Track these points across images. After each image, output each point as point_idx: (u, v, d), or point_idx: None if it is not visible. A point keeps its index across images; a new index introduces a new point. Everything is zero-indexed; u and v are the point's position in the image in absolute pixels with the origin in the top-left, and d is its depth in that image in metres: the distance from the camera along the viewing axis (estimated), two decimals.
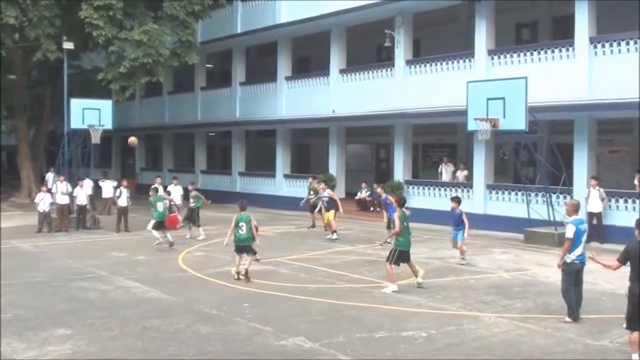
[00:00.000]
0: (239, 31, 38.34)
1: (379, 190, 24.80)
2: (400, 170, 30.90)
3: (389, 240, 20.26)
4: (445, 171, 30.43)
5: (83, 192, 27.43)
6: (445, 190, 28.96)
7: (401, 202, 16.20)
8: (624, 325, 10.23)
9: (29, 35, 33.46)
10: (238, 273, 16.64)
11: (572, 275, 12.75)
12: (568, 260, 12.71)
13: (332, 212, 24.45)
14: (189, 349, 11.21)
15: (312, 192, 26.58)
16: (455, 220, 19.34)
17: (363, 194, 31.38)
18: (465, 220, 18.97)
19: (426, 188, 29.84)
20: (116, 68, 33.05)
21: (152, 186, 25.04)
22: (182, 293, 15.42)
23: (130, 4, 32.80)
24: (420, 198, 29.22)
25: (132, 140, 22.70)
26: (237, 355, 10.93)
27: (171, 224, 23.34)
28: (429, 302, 14.52)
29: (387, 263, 15.54)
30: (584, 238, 12.93)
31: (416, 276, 15.77)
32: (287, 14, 34.83)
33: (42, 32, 33.09)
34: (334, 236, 23.78)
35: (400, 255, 15.45)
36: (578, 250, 12.70)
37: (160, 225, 22.13)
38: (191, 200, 25.02)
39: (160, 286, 16.08)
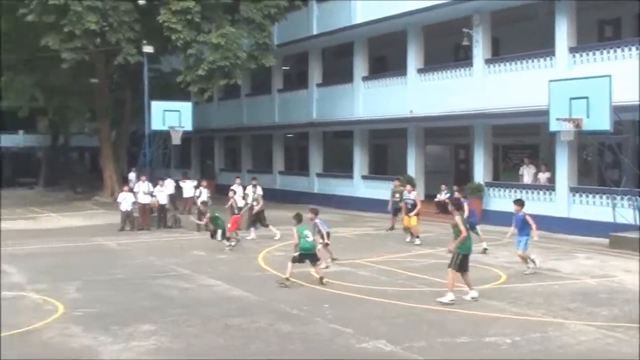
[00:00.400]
0: (314, 32, 38.35)
1: (457, 193, 23.87)
2: (480, 172, 30.42)
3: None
4: (527, 173, 29.81)
5: (163, 192, 27.86)
6: (527, 192, 28.28)
7: (461, 206, 15.90)
8: None
9: (110, 40, 34.13)
10: (286, 279, 16.13)
11: None
12: None
13: (415, 217, 23.49)
14: (270, 347, 11.28)
15: (396, 195, 25.92)
16: (518, 224, 18.06)
17: (442, 196, 31.01)
18: (532, 223, 17.85)
19: (507, 190, 29.26)
20: (195, 71, 33.48)
21: (231, 187, 25.35)
22: (263, 292, 15.54)
23: (207, 7, 33.17)
24: (501, 200, 28.71)
25: None
26: (319, 355, 10.92)
27: (234, 225, 23.38)
28: (512, 308, 14.21)
29: (450, 269, 14.76)
30: None
31: (470, 288, 14.83)
32: (362, 14, 34.67)
33: (123, 37, 33.74)
34: (417, 241, 23.03)
35: (464, 260, 14.76)
36: None
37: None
38: (254, 203, 25.17)
39: (241, 285, 16.25)
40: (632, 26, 28.78)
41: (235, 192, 25.61)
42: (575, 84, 23.51)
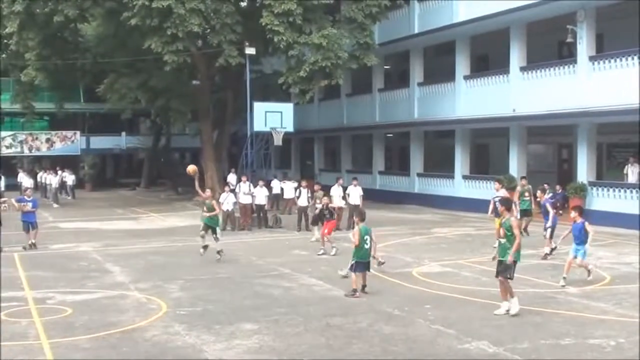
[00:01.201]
0: (416, 31, 38.23)
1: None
2: (584, 171, 29.88)
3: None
4: (632, 172, 29.17)
5: (262, 192, 28.26)
6: (632, 192, 27.77)
7: (510, 207, 15.10)
8: None
9: (212, 42, 34.75)
10: (356, 290, 15.11)
11: None
12: None
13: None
14: (373, 347, 11.35)
15: (526, 194, 24.46)
16: (577, 232, 16.75)
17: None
18: (590, 231, 16.77)
19: (611, 190, 28.71)
20: (296, 72, 33.84)
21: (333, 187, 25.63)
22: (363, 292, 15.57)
23: (309, 9, 33.47)
24: (605, 200, 28.16)
25: (192, 169, 22.04)
26: (421, 356, 10.95)
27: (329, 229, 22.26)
28: (616, 309, 13.98)
29: (503, 279, 13.53)
30: None
31: (512, 296, 13.57)
32: (464, 12, 34.45)
33: (224, 39, 34.25)
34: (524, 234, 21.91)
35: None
36: None
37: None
38: (317, 201, 24.81)
39: (342, 284, 16.30)
40: None
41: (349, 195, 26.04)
42: None
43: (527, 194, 24.35)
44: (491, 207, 22.26)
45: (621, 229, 25.37)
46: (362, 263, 15.11)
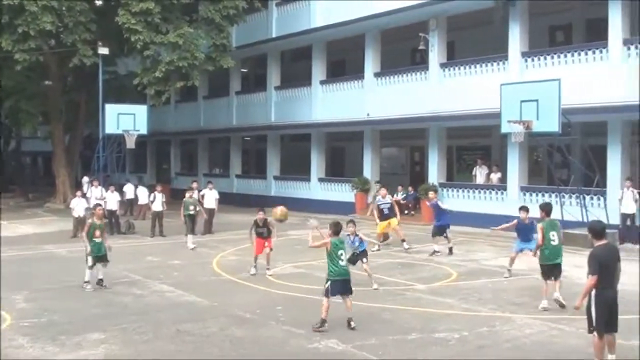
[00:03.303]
0: (273, 35, 38.46)
1: (430, 194, 23.21)
2: (434, 173, 30.91)
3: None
4: (480, 173, 30.34)
5: (113, 197, 27.68)
6: (479, 192, 29.01)
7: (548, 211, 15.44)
8: (593, 332, 10.04)
9: (65, 41, 33.79)
10: (324, 321, 12.48)
11: None
12: None
13: (396, 220, 22.57)
14: (223, 352, 11.37)
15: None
16: (524, 231, 17.45)
17: (399, 197, 31.31)
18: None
19: (460, 190, 29.82)
20: (152, 72, 33.30)
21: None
22: (216, 297, 15.56)
23: (166, 8, 33.05)
24: (455, 200, 29.08)
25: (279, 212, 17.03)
26: (271, 358, 11.07)
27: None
28: (462, 304, 14.57)
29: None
30: None
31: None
32: (321, 17, 34.89)
33: (79, 38, 33.32)
34: (406, 245, 22.14)
35: (547, 270, 14.43)
36: None
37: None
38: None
39: (194, 290, 16.24)
40: (582, 31, 29.50)
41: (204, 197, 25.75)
42: (526, 87, 23.97)
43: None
44: (376, 213, 22.65)
45: (470, 228, 26.29)
46: (338, 282, 12.64)
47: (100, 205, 19.81)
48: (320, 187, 36.94)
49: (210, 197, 27.59)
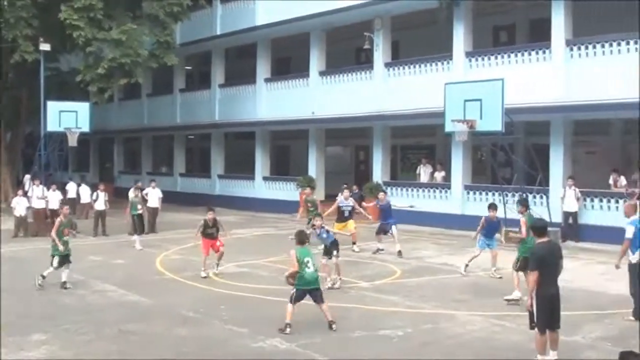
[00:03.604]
0: (218, 33, 38.25)
1: (380, 195, 22.65)
2: (379, 172, 31.07)
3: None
4: (424, 172, 30.54)
5: (55, 196, 27.27)
6: (424, 191, 29.21)
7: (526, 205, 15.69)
8: (534, 328, 10.18)
9: (6, 37, 33.15)
10: (288, 325, 12.21)
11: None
12: (633, 261, 12.88)
13: (352, 221, 22.30)
14: (166, 351, 11.24)
15: (309, 204, 23.89)
16: (490, 229, 17.68)
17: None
18: (503, 227, 18.04)
19: (404, 189, 29.99)
20: (94, 69, 32.82)
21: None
22: (160, 296, 15.44)
23: (110, 4, 32.63)
24: (399, 199, 29.21)
25: None
26: (214, 357, 10.97)
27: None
28: (406, 302, 14.66)
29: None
30: None
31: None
32: (266, 15, 34.76)
33: (20, 33, 32.71)
34: (356, 248, 21.89)
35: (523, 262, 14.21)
36: None
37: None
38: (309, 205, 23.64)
39: (137, 289, 16.08)
40: (525, 32, 29.84)
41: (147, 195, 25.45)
42: (470, 86, 24.12)
43: (310, 204, 23.89)
44: (337, 213, 22.49)
45: (413, 226, 26.46)
46: (305, 290, 12.47)
47: (67, 205, 19.72)
48: (265, 186, 36.85)
49: (154, 196, 27.38)
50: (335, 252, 16.03)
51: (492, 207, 18.05)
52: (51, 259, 16.50)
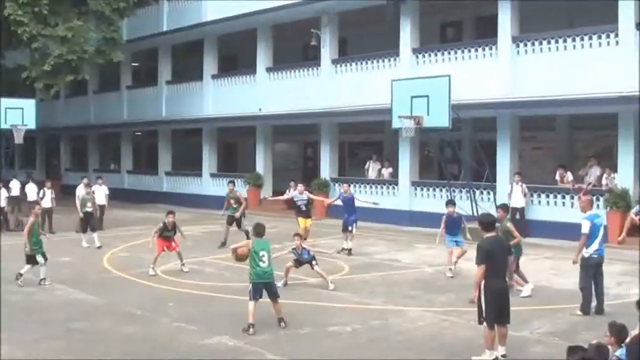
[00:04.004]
0: (164, 29, 37.96)
1: (344, 187, 22.25)
2: (326, 169, 31.13)
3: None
4: (372, 168, 30.64)
5: (0, 194, 26.84)
6: (372, 187, 29.29)
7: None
8: (484, 323, 10.30)
9: None
10: (251, 326, 12.00)
11: (591, 269, 13.01)
12: (586, 255, 12.97)
13: (309, 219, 22.09)
14: (114, 349, 11.16)
15: (232, 201, 22.85)
16: (452, 225, 17.50)
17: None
18: (464, 224, 18.02)
19: (352, 186, 29.85)
20: (40, 66, 32.40)
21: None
22: (107, 294, 15.31)
23: (55, 1, 32.17)
24: None
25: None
26: (161, 354, 10.91)
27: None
28: (354, 298, 14.72)
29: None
30: (601, 232, 13.10)
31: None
32: (212, 11, 34.60)
33: None
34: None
35: None
36: (595, 245, 12.94)
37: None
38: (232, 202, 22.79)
39: (84, 287, 15.93)
40: (472, 29, 30.12)
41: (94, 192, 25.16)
42: (416, 83, 24.36)
43: (232, 200, 22.96)
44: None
45: (361, 222, 26.39)
46: (260, 284, 12.27)
47: (38, 204, 19.57)
48: (212, 182, 36.69)
49: (101, 193, 27.08)
50: (313, 262, 15.89)
51: (450, 203, 18.12)
52: (33, 257, 16.47)
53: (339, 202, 21.65)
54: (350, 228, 20.69)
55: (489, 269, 10.04)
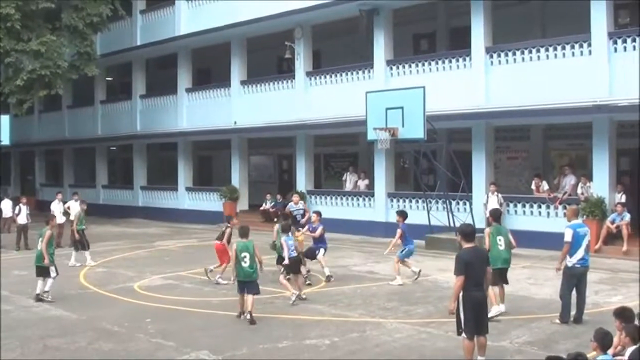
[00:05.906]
0: (138, 43, 37.93)
1: (314, 217, 19.94)
2: (302, 181, 31.10)
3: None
4: (349, 180, 30.68)
5: None
6: (348, 199, 29.33)
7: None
8: (463, 334, 10.32)
9: None
10: (242, 313, 13.86)
11: (573, 279, 13.05)
12: (569, 264, 13.00)
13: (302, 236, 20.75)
14: None
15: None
16: (408, 234, 17.97)
17: (267, 205, 31.36)
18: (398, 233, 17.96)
19: (328, 197, 30.08)
20: (13, 81, 32.22)
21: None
22: (84, 310, 15.19)
23: (28, 15, 32.04)
24: (323, 207, 29.24)
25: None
26: None
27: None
28: (332, 310, 14.70)
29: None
30: (586, 242, 13.07)
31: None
32: (186, 25, 34.66)
33: None
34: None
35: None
36: (579, 254, 12.97)
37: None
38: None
39: (61, 304, 15.82)
40: (445, 40, 30.29)
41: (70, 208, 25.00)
42: (391, 94, 24.38)
43: None
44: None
45: (338, 234, 26.47)
46: (243, 282, 13.66)
47: (54, 216, 19.51)
48: (188, 196, 36.58)
49: (76, 209, 26.87)
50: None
51: (400, 213, 18.79)
52: (48, 269, 16.49)
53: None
54: (317, 253, 18.74)
55: (468, 279, 10.09)
